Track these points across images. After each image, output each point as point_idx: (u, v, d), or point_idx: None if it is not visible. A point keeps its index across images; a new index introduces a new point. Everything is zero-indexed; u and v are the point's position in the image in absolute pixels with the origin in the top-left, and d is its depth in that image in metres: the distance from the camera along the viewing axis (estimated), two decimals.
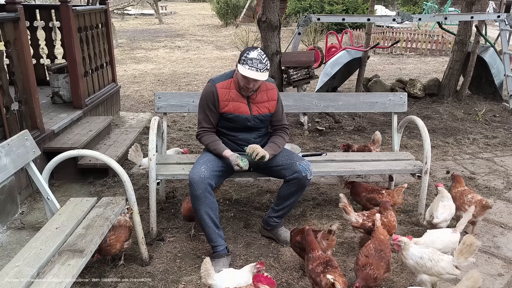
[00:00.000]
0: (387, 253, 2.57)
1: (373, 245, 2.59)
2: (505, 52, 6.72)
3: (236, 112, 2.99)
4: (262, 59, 2.84)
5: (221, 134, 3.12)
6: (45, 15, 5.83)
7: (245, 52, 2.86)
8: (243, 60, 2.83)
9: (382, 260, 2.52)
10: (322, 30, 14.02)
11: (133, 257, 3.00)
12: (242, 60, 2.84)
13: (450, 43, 12.16)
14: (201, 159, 3.02)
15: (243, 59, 2.83)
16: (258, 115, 3.05)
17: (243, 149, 3.02)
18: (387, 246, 2.61)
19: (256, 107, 3.05)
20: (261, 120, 3.08)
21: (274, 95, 3.13)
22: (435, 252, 2.55)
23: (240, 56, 2.88)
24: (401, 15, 6.20)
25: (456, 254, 2.47)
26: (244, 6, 21.10)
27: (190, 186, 2.84)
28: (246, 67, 2.82)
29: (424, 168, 3.37)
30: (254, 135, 3.12)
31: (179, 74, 9.91)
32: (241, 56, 2.86)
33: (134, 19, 24.38)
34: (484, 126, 6.01)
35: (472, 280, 2.18)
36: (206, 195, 2.82)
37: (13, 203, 3.54)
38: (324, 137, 5.53)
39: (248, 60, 2.81)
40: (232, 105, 2.99)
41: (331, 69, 6.35)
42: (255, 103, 3.04)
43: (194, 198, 2.83)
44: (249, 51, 2.85)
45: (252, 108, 3.03)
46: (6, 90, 3.58)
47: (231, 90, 3.00)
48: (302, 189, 3.06)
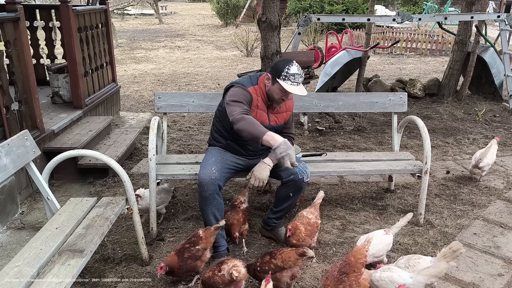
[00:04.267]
0: (351, 277, 2.32)
1: (339, 267, 2.42)
2: (505, 52, 6.73)
3: (257, 120, 2.88)
4: (301, 73, 2.83)
5: (231, 138, 3.04)
6: (45, 15, 5.83)
7: (284, 67, 2.78)
8: (284, 75, 2.78)
9: (341, 284, 2.32)
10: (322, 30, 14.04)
11: (133, 257, 3.00)
12: (283, 76, 2.78)
13: (450, 43, 12.17)
14: (209, 159, 2.95)
15: (285, 75, 2.77)
16: (275, 125, 3.03)
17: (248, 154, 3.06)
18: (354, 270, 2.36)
19: (274, 117, 3.02)
20: (276, 130, 2.99)
21: (291, 106, 3.13)
22: (409, 258, 2.56)
23: (277, 70, 2.80)
24: (401, 15, 6.20)
25: (438, 256, 2.43)
26: (244, 6, 21.11)
27: (199, 186, 2.81)
28: (288, 82, 2.78)
29: (424, 168, 3.37)
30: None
31: (179, 74, 9.91)
32: (280, 71, 2.78)
33: (134, 19, 24.39)
34: (484, 126, 6.01)
35: (438, 269, 2.23)
36: (214, 197, 2.82)
37: (13, 203, 3.54)
38: (324, 137, 5.53)
39: (290, 76, 2.78)
40: (256, 113, 2.93)
41: (331, 69, 6.35)
42: (274, 113, 3.02)
43: (203, 199, 2.82)
44: (289, 66, 2.78)
45: (270, 118, 3.00)
46: (6, 90, 3.58)
47: (258, 97, 2.95)
48: (299, 191, 3.06)
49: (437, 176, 4.38)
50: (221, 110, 3.06)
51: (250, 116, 2.75)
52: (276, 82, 2.82)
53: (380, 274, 2.40)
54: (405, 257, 2.62)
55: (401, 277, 2.35)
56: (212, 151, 3.07)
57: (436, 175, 4.39)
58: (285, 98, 2.91)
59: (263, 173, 2.82)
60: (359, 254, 2.38)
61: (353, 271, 2.32)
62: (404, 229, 3.38)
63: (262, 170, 2.83)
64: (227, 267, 2.35)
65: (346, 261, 2.39)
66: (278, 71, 2.80)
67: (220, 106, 3.09)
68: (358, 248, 2.42)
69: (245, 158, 3.11)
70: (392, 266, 2.48)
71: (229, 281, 2.33)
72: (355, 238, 3.24)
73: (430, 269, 2.27)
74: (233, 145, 3.06)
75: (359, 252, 2.39)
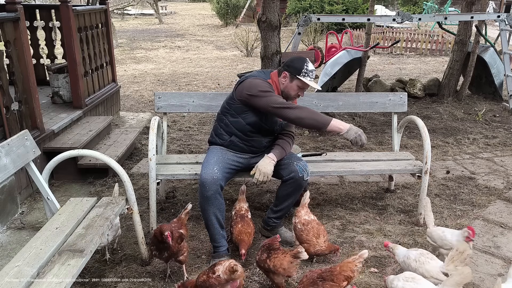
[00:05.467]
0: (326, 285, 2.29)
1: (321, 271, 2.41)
2: (505, 52, 6.72)
3: None
4: (315, 69, 3.00)
5: (235, 133, 3.05)
6: (45, 15, 5.83)
7: (303, 64, 2.91)
8: (304, 72, 2.91)
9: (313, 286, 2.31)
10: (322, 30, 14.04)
11: (133, 257, 3.00)
12: (304, 73, 2.92)
13: (450, 43, 12.16)
14: (211, 158, 2.96)
15: (305, 71, 2.91)
16: (283, 121, 3.07)
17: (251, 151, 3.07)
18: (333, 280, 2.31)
19: None
20: (280, 125, 3.09)
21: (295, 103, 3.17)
22: (422, 254, 2.54)
23: (296, 68, 2.92)
24: (401, 15, 6.20)
25: (447, 261, 2.40)
26: (244, 6, 21.11)
27: (201, 186, 2.82)
28: (308, 78, 2.93)
29: (424, 168, 3.37)
30: (267, 139, 3.13)
31: (179, 74, 9.91)
32: (299, 68, 2.91)
33: (134, 19, 24.40)
34: (484, 126, 6.01)
35: (463, 276, 2.18)
36: (216, 197, 2.82)
37: (13, 203, 3.54)
38: (324, 137, 5.53)
39: (309, 72, 2.93)
40: None
41: (331, 69, 6.35)
42: None
43: (204, 199, 2.82)
44: (306, 64, 2.93)
45: None
46: (6, 90, 3.58)
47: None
48: (299, 189, 3.06)
49: (437, 176, 4.38)
50: (231, 103, 3.05)
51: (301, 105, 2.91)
52: (296, 79, 2.94)
53: (403, 284, 2.30)
54: (418, 251, 2.57)
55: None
56: (213, 150, 3.07)
57: (436, 175, 4.39)
58: (301, 94, 3.05)
59: (268, 167, 2.89)
60: (346, 267, 2.36)
61: (331, 280, 2.30)
62: (404, 229, 3.39)
63: (267, 165, 2.89)
64: (222, 267, 2.32)
65: (330, 268, 2.38)
66: (298, 69, 2.92)
67: (231, 99, 3.07)
68: (349, 261, 2.40)
69: (247, 156, 3.11)
70: (416, 275, 2.37)
71: (225, 280, 2.32)
72: (355, 238, 3.24)
73: (455, 277, 2.19)
74: (237, 142, 3.06)
75: (347, 266, 2.37)
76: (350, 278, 2.33)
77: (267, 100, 2.85)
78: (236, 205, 3.17)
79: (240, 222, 3.00)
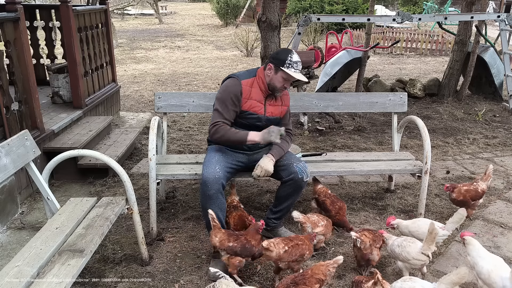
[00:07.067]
0: None
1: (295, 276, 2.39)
2: (505, 52, 6.72)
3: (251, 110, 3.02)
4: (300, 61, 2.98)
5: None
6: (45, 15, 5.83)
7: (287, 56, 2.92)
8: (288, 63, 2.92)
9: None
10: (322, 30, 14.04)
11: (133, 257, 3.00)
12: (287, 64, 2.92)
13: (450, 43, 12.16)
14: (212, 158, 2.98)
15: (289, 62, 2.91)
16: (270, 116, 3.08)
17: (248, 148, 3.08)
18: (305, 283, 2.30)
19: (270, 108, 3.08)
20: (272, 122, 3.09)
21: (287, 101, 3.21)
22: (404, 240, 2.70)
23: (280, 59, 2.93)
24: (401, 15, 6.20)
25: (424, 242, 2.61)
26: (244, 6, 21.10)
27: (203, 185, 2.83)
28: (292, 70, 2.93)
29: (424, 168, 3.37)
30: None
31: (179, 74, 9.91)
32: (283, 59, 2.92)
33: (134, 19, 24.39)
34: (484, 126, 6.01)
35: (458, 276, 2.21)
36: (218, 196, 2.83)
37: (13, 203, 3.54)
38: (324, 137, 5.53)
39: (293, 63, 2.93)
40: (250, 103, 3.01)
41: (331, 69, 6.35)
42: (271, 105, 3.08)
43: (206, 198, 2.83)
44: (291, 55, 2.93)
45: (266, 109, 3.07)
46: (6, 90, 3.58)
47: (253, 88, 3.03)
48: (298, 190, 3.07)
49: (437, 176, 4.38)
50: None
51: (223, 127, 2.95)
52: (280, 70, 2.94)
53: (401, 285, 2.36)
54: (402, 238, 2.76)
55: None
56: (213, 150, 3.09)
57: (436, 175, 4.39)
58: (287, 86, 3.05)
59: (269, 165, 2.97)
60: (318, 270, 2.36)
61: (303, 284, 2.30)
62: None
63: (268, 163, 2.98)
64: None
65: (303, 272, 2.40)
66: (282, 60, 2.93)
67: None
68: (321, 264, 2.42)
69: (246, 154, 3.12)
70: (415, 277, 2.45)
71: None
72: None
73: (451, 276, 2.23)
74: None
75: (318, 268, 2.38)
76: (322, 282, 2.34)
77: (212, 118, 3.03)
78: (228, 198, 3.21)
79: (234, 211, 3.09)
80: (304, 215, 2.99)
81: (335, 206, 3.21)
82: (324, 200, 3.26)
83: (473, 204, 3.42)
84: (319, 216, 3.06)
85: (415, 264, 2.62)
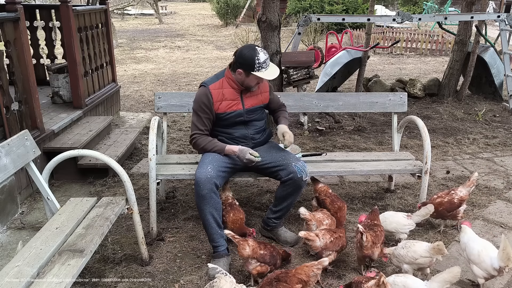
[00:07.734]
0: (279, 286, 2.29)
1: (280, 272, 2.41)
2: (505, 52, 6.72)
3: (229, 110, 3.05)
4: (267, 55, 3.00)
5: (218, 133, 3.14)
6: (45, 15, 5.83)
7: (253, 59, 2.90)
8: (257, 67, 2.92)
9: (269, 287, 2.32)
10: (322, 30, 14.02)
11: (133, 257, 3.00)
12: (256, 68, 2.92)
13: (450, 43, 12.16)
14: (206, 158, 3.02)
15: (258, 65, 2.91)
16: (251, 107, 3.12)
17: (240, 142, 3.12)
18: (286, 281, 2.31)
19: (249, 100, 3.12)
20: (254, 112, 3.14)
21: (265, 87, 3.23)
22: (407, 241, 2.73)
23: (247, 64, 2.92)
24: (401, 15, 6.20)
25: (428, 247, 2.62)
26: (244, 6, 21.10)
27: (196, 185, 2.84)
28: (263, 71, 2.95)
29: (424, 168, 3.37)
30: (251, 130, 3.16)
31: (179, 74, 9.91)
32: (251, 64, 2.91)
33: (134, 19, 24.39)
34: (484, 126, 6.01)
35: (451, 274, 2.24)
36: (211, 195, 2.83)
37: (13, 203, 3.54)
38: (324, 137, 5.53)
39: (262, 64, 2.94)
40: (226, 104, 3.05)
41: (331, 69, 6.35)
42: (248, 97, 3.12)
43: (200, 198, 2.84)
44: (257, 56, 2.91)
45: (245, 102, 3.11)
46: (6, 90, 3.58)
47: (224, 89, 3.06)
48: (298, 190, 3.07)
49: (437, 176, 4.38)
50: None
51: (201, 138, 3.05)
52: (251, 75, 2.95)
53: (394, 279, 2.40)
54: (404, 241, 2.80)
55: (415, 284, 2.34)
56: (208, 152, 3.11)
57: (436, 175, 4.39)
58: (261, 81, 3.11)
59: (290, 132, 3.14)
60: (301, 271, 2.37)
61: (284, 281, 2.31)
62: None
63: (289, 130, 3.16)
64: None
65: (287, 270, 2.41)
66: (249, 64, 2.93)
67: None
68: (305, 265, 2.42)
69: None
70: (408, 274, 2.49)
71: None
72: (355, 239, 3.23)
73: (444, 275, 2.26)
74: (224, 139, 3.12)
75: (302, 269, 2.38)
76: (304, 282, 2.34)
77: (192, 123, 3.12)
78: (222, 195, 3.20)
79: (231, 211, 3.09)
80: (310, 213, 3.01)
81: (334, 205, 3.21)
82: (324, 199, 3.27)
83: (451, 214, 3.24)
84: (324, 214, 3.07)
85: (423, 262, 2.60)
